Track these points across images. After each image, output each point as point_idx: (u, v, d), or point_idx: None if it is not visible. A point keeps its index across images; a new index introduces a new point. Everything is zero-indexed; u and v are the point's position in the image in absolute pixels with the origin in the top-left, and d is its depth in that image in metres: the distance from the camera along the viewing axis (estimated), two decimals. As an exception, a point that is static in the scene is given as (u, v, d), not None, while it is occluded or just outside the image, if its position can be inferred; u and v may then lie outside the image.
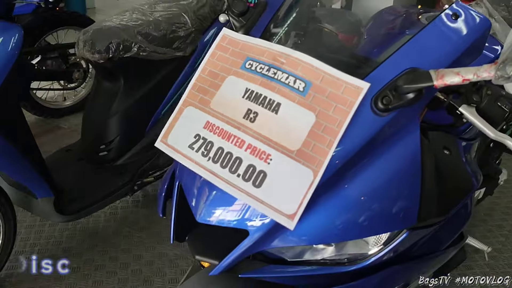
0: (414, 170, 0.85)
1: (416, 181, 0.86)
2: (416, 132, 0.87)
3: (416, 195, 0.86)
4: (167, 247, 2.26)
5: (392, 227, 0.87)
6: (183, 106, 0.99)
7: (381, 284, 0.97)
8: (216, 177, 0.88)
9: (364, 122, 0.82)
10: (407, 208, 0.86)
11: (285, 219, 0.82)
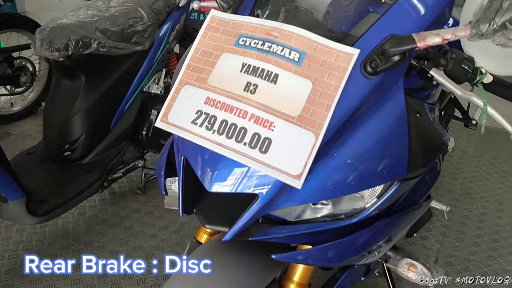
0: (402, 126, 0.96)
1: (404, 136, 0.96)
2: (401, 92, 0.97)
3: (405, 149, 0.96)
4: (142, 240, 2.29)
5: (386, 179, 0.97)
6: (180, 86, 1.03)
7: (375, 236, 1.06)
8: (223, 147, 0.92)
9: (356, 85, 0.91)
10: (398, 161, 0.96)
11: (292, 179, 0.89)
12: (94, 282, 2.02)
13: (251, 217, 0.93)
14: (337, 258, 1.03)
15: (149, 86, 2.47)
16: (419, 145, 0.99)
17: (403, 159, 0.96)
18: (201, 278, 1.06)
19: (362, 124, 0.94)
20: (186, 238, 2.29)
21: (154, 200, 2.60)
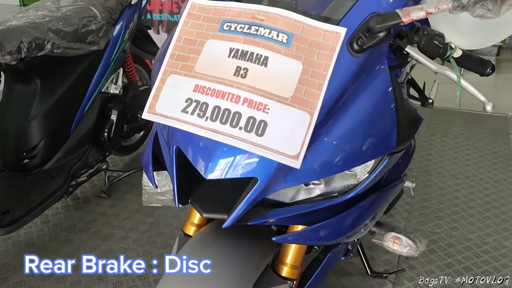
0: (390, 101, 0.99)
1: (392, 110, 1.00)
2: (386, 68, 1.00)
3: (394, 122, 1.00)
4: (112, 243, 2.24)
5: (378, 153, 1.00)
6: (164, 76, 1.02)
7: (367, 211, 1.10)
8: (218, 133, 0.92)
9: (344, 64, 0.94)
10: (388, 135, 0.99)
11: (290, 160, 0.90)
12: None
13: (251, 201, 0.93)
14: (336, 234, 1.05)
15: (107, 87, 2.41)
16: (404, 118, 1.03)
17: (392, 133, 1.00)
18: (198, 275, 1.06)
19: (352, 102, 0.96)
20: (157, 237, 2.27)
21: (120, 202, 2.55)
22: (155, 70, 1.07)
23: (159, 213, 2.43)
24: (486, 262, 2.07)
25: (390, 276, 1.99)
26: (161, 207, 2.47)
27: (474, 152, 3.03)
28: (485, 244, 2.19)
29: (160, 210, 2.45)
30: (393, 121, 0.99)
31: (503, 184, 2.68)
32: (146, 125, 2.77)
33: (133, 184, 2.70)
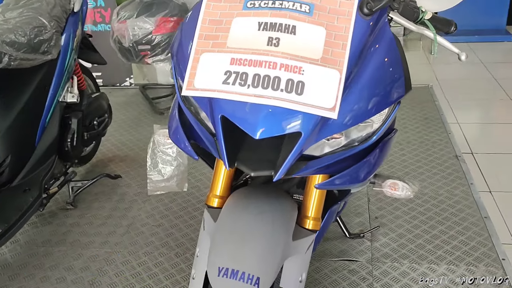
0: (396, 54, 1.15)
1: (399, 61, 1.16)
2: (388, 28, 1.16)
3: (401, 72, 1.16)
4: (94, 249, 2.23)
5: (392, 101, 1.15)
6: (197, 55, 1.10)
7: (380, 156, 1.25)
8: (262, 97, 1.03)
9: (358, 26, 1.08)
10: (398, 83, 1.15)
11: (328, 112, 1.03)
12: (61, 300, 1.95)
13: (297, 154, 1.05)
14: (364, 176, 1.20)
15: (64, 96, 2.39)
16: (406, 68, 1.19)
17: (401, 81, 1.15)
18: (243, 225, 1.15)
19: (369, 57, 1.11)
20: (138, 237, 2.29)
21: (89, 211, 2.53)
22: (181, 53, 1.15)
23: (133, 214, 2.45)
24: (444, 210, 2.33)
25: (367, 235, 2.18)
26: (133, 209, 2.49)
27: (410, 120, 3.33)
28: (439, 195, 2.45)
29: (134, 212, 2.47)
30: (400, 69, 1.15)
31: (441, 144, 2.98)
32: (102, 132, 2.76)
33: (96, 192, 2.68)
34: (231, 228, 1.17)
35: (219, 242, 1.15)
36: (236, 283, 1.06)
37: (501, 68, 4.44)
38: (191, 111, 1.21)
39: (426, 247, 2.10)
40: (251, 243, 1.13)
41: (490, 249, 2.06)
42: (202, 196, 2.56)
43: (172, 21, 3.32)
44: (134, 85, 4.20)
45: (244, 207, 1.22)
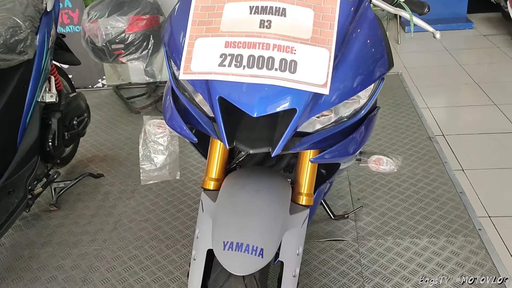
0: (379, 32, 1.22)
1: (382, 39, 1.22)
2: (370, 8, 1.22)
3: (384, 49, 1.22)
4: (83, 247, 2.23)
5: (377, 77, 1.21)
6: (191, 40, 1.14)
7: (367, 131, 1.31)
8: (258, 77, 1.08)
9: (343, 6, 1.14)
10: (382, 60, 1.21)
11: (320, 88, 1.09)
12: (54, 299, 1.95)
13: (293, 129, 1.10)
14: (352, 151, 1.26)
15: (42, 96, 2.37)
16: (388, 45, 1.26)
17: (384, 58, 1.22)
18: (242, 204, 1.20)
19: (354, 38, 1.17)
20: (126, 232, 2.30)
21: (73, 211, 2.52)
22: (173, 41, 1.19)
23: (119, 212, 2.46)
24: (421, 188, 2.43)
25: (351, 216, 2.25)
26: (119, 206, 2.50)
27: (383, 107, 3.43)
28: (416, 175, 2.55)
29: (119, 209, 2.48)
30: (383, 47, 1.22)
31: (414, 127, 3.09)
32: (82, 132, 2.75)
33: (79, 193, 2.68)
34: (232, 206, 1.21)
35: (222, 219, 1.19)
36: (241, 254, 1.11)
37: (464, 54, 4.62)
38: (186, 96, 1.25)
39: (407, 223, 2.19)
40: (252, 218, 1.18)
41: (467, 221, 2.16)
42: (187, 190, 2.59)
43: (144, 19, 3.33)
44: (107, 86, 4.18)
45: (242, 186, 1.27)
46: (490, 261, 1.92)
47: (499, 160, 2.76)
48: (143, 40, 3.34)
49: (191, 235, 2.24)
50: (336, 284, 1.88)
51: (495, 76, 4.07)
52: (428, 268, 1.91)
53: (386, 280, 1.88)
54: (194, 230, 2.25)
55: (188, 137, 1.27)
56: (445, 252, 1.99)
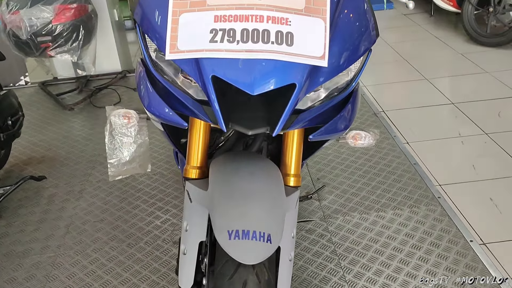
0: (365, 3, 1.19)
1: (369, 11, 1.19)
2: None
3: (372, 20, 1.19)
4: (35, 256, 2.05)
5: (367, 47, 1.18)
6: (175, 16, 1.03)
7: (355, 105, 1.28)
8: (254, 52, 1.00)
9: None
10: (370, 31, 1.18)
11: (318, 60, 1.04)
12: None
13: (293, 106, 1.04)
14: (347, 125, 1.23)
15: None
16: (374, 17, 1.23)
17: (372, 29, 1.19)
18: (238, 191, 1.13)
19: (344, 8, 1.13)
20: (81, 235, 2.15)
21: (17, 218, 2.31)
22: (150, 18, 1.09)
23: (69, 214, 2.29)
24: (376, 162, 2.48)
25: (314, 196, 2.25)
26: (67, 208, 2.33)
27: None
28: (369, 150, 2.60)
29: (69, 211, 2.31)
30: (371, 17, 1.19)
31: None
32: (18, 132, 2.52)
33: (20, 198, 2.46)
34: (228, 192, 1.14)
35: (221, 208, 1.12)
36: (249, 242, 1.05)
37: (390, 33, 4.79)
38: (167, 79, 1.15)
39: (370, 198, 2.22)
40: (254, 203, 1.12)
41: (425, 190, 2.24)
42: (140, 185, 2.47)
43: (72, 9, 3.10)
44: (31, 83, 3.88)
45: (234, 171, 1.20)
46: (454, 226, 2.00)
47: (438, 131, 2.88)
48: (73, 31, 3.12)
49: (153, 232, 2.13)
50: (313, 265, 1.88)
51: (421, 52, 4.26)
52: (398, 239, 1.96)
53: (361, 256, 1.90)
54: (155, 226, 2.16)
55: (177, 123, 1.17)
56: (411, 222, 2.04)
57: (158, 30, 1.09)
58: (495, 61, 3.83)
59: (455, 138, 2.81)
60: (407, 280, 1.77)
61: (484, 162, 2.55)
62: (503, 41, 4.00)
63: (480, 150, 2.67)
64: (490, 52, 4.03)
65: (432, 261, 1.84)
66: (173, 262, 1.95)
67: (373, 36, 1.20)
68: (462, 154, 2.65)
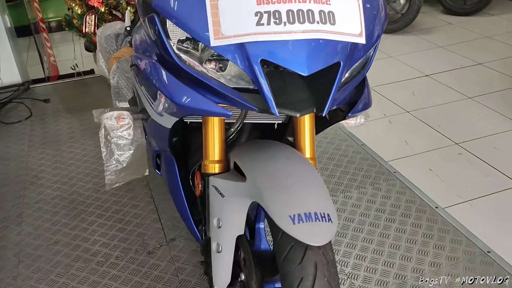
0: None
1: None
2: None
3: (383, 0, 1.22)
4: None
5: (384, 25, 1.19)
6: (213, 1, 0.97)
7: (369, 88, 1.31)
8: (302, 33, 0.98)
9: None
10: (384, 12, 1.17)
11: (358, 38, 1.05)
12: None
13: (338, 84, 1.04)
14: (367, 105, 1.25)
15: None
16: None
17: (383, 7, 1.21)
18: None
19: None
20: (38, 261, 1.91)
21: None
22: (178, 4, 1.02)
23: (14, 242, 2.03)
24: (326, 148, 2.55)
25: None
26: (9, 236, 2.07)
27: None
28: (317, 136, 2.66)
29: (13, 239, 2.05)
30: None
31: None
32: None
33: None
34: (275, 178, 1.10)
35: (272, 195, 1.07)
36: (314, 224, 1.02)
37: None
38: (197, 70, 1.08)
39: (332, 181, 2.28)
40: (304, 186, 1.09)
41: (380, 167, 2.36)
42: (87, 200, 2.27)
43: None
44: None
45: (269, 158, 1.16)
46: (417, 196, 2.14)
47: (375, 111, 3.03)
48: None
49: (120, 245, 1.98)
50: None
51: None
52: (371, 216, 2.04)
53: (342, 236, 1.95)
54: (121, 239, 2.01)
55: (221, 113, 1.09)
56: (378, 198, 2.14)
57: (195, 17, 1.01)
58: (395, 46, 4.15)
59: (382, 119, 2.99)
60: (393, 252, 1.85)
61: (413, 137, 2.75)
62: (398, 28, 4.35)
63: (407, 127, 2.88)
64: (388, 39, 4.35)
65: (408, 230, 1.95)
66: (155, 273, 1.83)
67: (386, 16, 1.24)
68: (393, 132, 2.83)
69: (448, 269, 1.76)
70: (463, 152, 2.55)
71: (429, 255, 1.83)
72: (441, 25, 4.51)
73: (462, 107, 3.03)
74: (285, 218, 1.03)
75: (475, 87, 3.26)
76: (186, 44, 1.10)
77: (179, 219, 2.10)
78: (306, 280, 1.02)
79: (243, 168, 1.16)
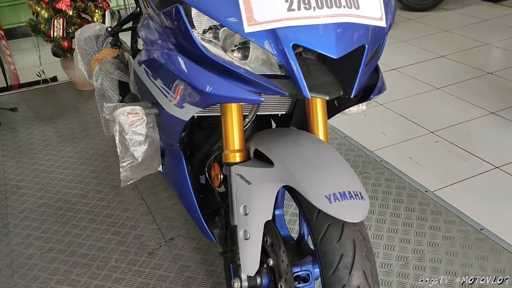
0: None
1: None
2: None
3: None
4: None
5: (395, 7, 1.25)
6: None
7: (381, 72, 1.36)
8: (331, 17, 1.01)
9: None
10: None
11: (379, 21, 1.09)
12: None
13: (364, 67, 1.08)
14: (382, 88, 1.29)
15: None
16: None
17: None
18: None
19: None
20: (33, 270, 1.85)
21: None
22: None
23: (4, 253, 1.95)
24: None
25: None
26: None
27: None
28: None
29: (3, 250, 1.97)
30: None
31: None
32: None
33: None
34: (305, 161, 1.12)
35: (305, 176, 1.09)
36: (350, 202, 1.05)
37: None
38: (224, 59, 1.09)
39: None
40: (334, 166, 1.12)
41: (366, 157, 2.43)
42: (75, 206, 2.21)
43: None
44: None
45: (294, 142, 1.18)
46: (406, 182, 2.21)
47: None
48: None
49: (118, 248, 1.94)
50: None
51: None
52: (365, 202, 2.09)
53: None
54: (118, 242, 1.98)
55: (255, 99, 1.10)
56: (369, 186, 2.20)
57: (225, 5, 1.02)
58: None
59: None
60: (392, 235, 1.91)
61: (390, 128, 2.84)
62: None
63: (382, 119, 2.97)
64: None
65: (403, 214, 2.01)
66: (159, 273, 1.80)
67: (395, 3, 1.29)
68: (369, 125, 2.91)
69: (447, 248, 1.83)
70: (439, 140, 2.66)
71: (426, 236, 1.90)
72: (401, 20, 4.68)
73: (432, 98, 3.16)
74: (321, 198, 1.05)
75: (442, 78, 3.41)
76: (209, 34, 1.11)
77: (175, 219, 2.09)
78: (346, 256, 1.05)
79: (269, 155, 1.17)
